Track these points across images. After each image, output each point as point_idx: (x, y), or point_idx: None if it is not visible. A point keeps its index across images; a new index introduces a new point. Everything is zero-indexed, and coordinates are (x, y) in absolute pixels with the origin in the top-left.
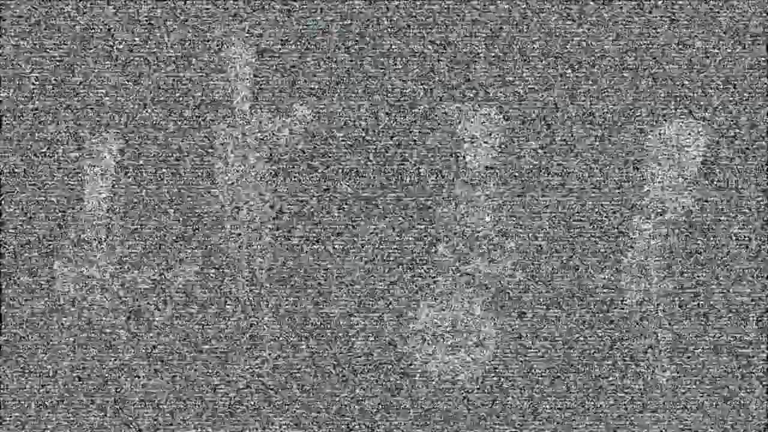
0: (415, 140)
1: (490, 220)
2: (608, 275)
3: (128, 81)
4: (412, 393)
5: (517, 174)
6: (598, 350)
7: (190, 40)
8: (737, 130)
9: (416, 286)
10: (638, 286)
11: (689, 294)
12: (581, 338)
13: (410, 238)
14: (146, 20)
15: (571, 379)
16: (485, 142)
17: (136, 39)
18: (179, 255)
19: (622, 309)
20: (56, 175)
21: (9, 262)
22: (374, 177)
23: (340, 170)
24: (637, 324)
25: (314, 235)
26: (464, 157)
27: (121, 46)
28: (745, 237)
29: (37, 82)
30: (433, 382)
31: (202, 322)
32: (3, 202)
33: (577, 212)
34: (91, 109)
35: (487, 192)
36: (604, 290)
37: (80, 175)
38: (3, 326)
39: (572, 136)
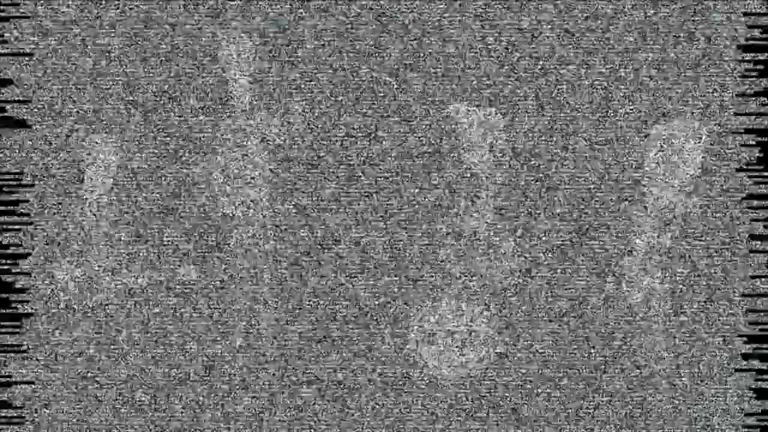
0: (415, 140)
1: (491, 221)
2: (608, 275)
3: (128, 81)
4: (413, 393)
5: (517, 174)
6: (598, 350)
7: (190, 40)
8: (735, 131)
9: (417, 287)
10: (638, 286)
11: (689, 294)
12: (581, 338)
13: (411, 239)
14: (146, 20)
15: (571, 380)
16: (486, 143)
17: (136, 38)
18: (179, 255)
19: (622, 309)
20: (56, 176)
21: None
22: (375, 177)
23: (340, 171)
24: (637, 324)
25: (315, 235)
26: (464, 158)
27: (120, 46)
28: (744, 237)
29: (37, 83)
30: (434, 383)
31: (202, 322)
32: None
33: (577, 212)
34: (92, 109)
35: (487, 193)
36: (604, 290)
37: (80, 175)
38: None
39: (571, 136)
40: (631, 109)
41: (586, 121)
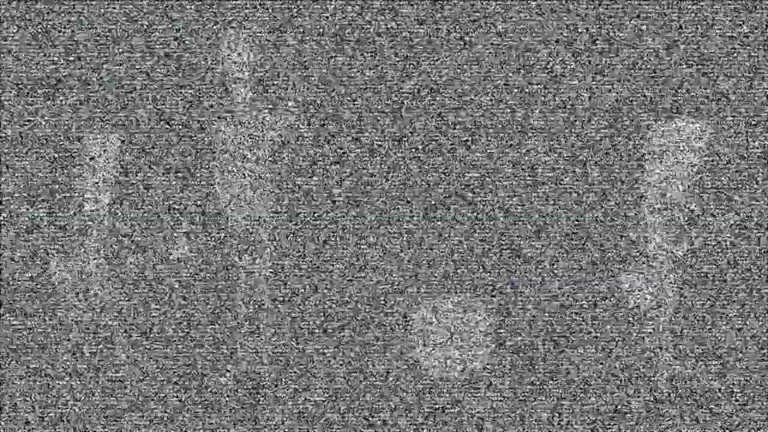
0: (417, 140)
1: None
2: (608, 275)
3: (128, 80)
4: (413, 392)
5: (518, 174)
6: (598, 351)
7: (189, 39)
8: (737, 130)
9: (417, 286)
10: (637, 286)
11: (689, 294)
12: (582, 338)
13: (412, 239)
14: (146, 19)
15: (571, 380)
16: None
17: (135, 38)
18: (179, 254)
19: (623, 309)
20: (56, 175)
21: (7, 260)
22: (375, 176)
23: (341, 170)
24: (638, 324)
25: (316, 234)
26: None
27: (120, 45)
28: (744, 236)
29: (37, 82)
30: (434, 381)
31: (202, 322)
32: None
33: (577, 212)
34: (91, 108)
35: (486, 192)
36: (605, 290)
37: (80, 174)
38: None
39: (572, 135)
40: (632, 108)
41: (585, 121)
